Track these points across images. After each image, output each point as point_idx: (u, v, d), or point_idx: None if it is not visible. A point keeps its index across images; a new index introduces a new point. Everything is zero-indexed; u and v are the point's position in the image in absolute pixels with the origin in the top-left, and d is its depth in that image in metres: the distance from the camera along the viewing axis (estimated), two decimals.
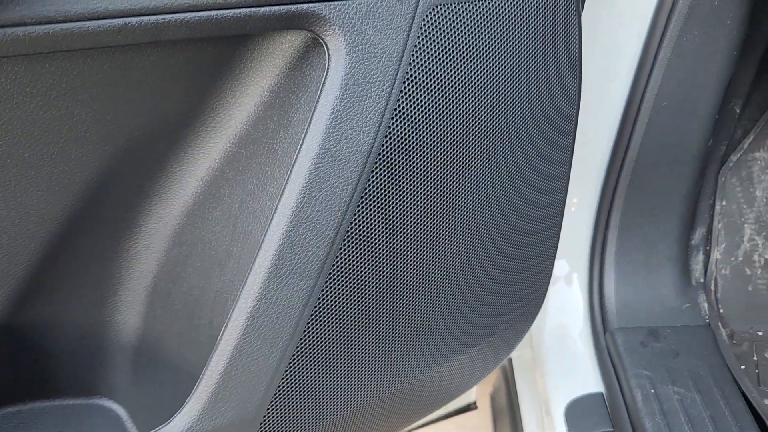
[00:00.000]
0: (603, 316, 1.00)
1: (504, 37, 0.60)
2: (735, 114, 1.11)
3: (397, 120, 0.54)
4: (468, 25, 0.57)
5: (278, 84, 0.54)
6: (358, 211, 0.54)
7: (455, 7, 0.55)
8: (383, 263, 0.57)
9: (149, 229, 0.60)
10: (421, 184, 0.57)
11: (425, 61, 0.55)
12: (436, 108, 0.56)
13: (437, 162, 0.58)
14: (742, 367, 1.00)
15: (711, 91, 0.96)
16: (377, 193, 0.55)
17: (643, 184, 1.00)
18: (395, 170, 0.55)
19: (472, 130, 0.60)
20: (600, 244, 1.01)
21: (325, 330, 0.56)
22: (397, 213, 0.57)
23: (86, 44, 0.43)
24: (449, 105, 0.57)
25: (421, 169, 0.57)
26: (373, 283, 0.57)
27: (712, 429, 0.83)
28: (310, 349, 0.56)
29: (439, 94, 0.56)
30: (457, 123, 0.58)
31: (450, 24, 0.55)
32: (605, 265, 1.02)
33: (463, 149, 0.59)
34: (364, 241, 0.55)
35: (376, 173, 0.54)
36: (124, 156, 0.55)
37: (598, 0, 0.90)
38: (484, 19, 0.58)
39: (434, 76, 0.55)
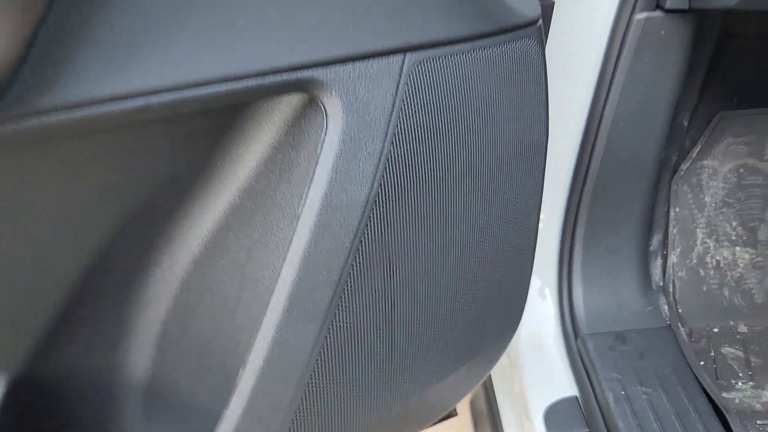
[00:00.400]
0: (573, 323, 1.07)
1: (480, 85, 0.65)
2: (683, 126, 1.20)
3: (389, 169, 0.59)
4: (448, 77, 0.62)
5: (279, 140, 0.59)
6: (359, 255, 0.59)
7: (435, 62, 0.61)
8: (382, 300, 0.62)
9: (158, 278, 0.64)
10: (412, 224, 0.62)
11: (412, 113, 0.60)
12: (422, 154, 0.61)
13: (425, 203, 0.63)
14: (702, 363, 1.09)
15: (662, 110, 1.04)
16: (374, 236, 0.59)
17: (604, 198, 1.08)
18: (389, 215, 0.60)
19: (456, 172, 0.65)
20: (567, 257, 1.08)
21: (332, 365, 0.61)
22: (392, 253, 0.61)
23: (111, 125, 0.47)
24: (434, 150, 0.62)
25: (411, 211, 0.62)
26: (373, 319, 0.62)
27: (678, 425, 0.90)
28: (318, 384, 0.60)
29: (424, 141, 0.61)
30: (441, 166, 0.63)
31: (431, 78, 0.61)
32: (573, 276, 1.09)
33: (448, 189, 0.65)
34: (364, 282, 0.60)
35: (374, 219, 0.59)
36: (134, 215, 0.58)
37: (557, 32, 0.97)
38: (461, 71, 0.63)
39: (420, 126, 0.60)
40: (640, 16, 0.92)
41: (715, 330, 1.16)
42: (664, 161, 1.17)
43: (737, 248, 1.23)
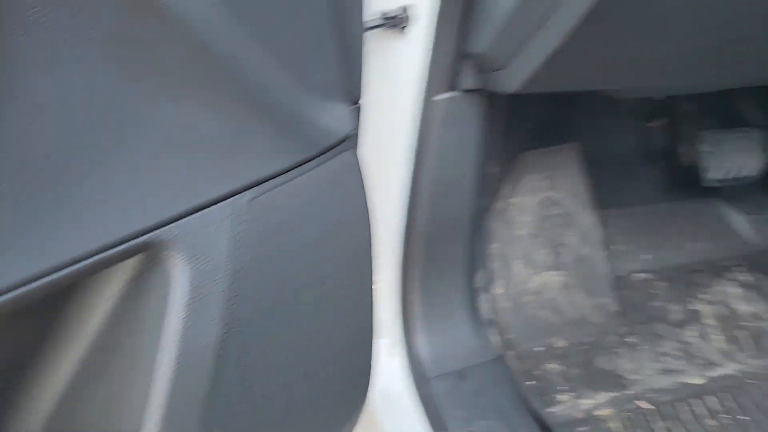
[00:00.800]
0: (421, 370, 1.18)
1: (309, 205, 0.72)
2: (493, 173, 1.35)
3: (239, 304, 0.64)
4: (280, 205, 0.68)
5: (126, 294, 0.61)
6: (217, 388, 0.63)
7: (268, 194, 0.66)
8: (245, 422, 0.67)
9: None
10: (265, 347, 0.68)
11: (252, 247, 0.65)
12: (267, 281, 0.67)
13: (275, 324, 0.68)
14: (533, 382, 1.24)
15: (472, 169, 1.17)
16: (233, 368, 0.64)
17: (433, 251, 1.19)
18: (244, 344, 0.65)
19: (298, 287, 0.71)
20: (409, 311, 1.18)
21: None
22: (250, 377, 0.66)
23: None
24: (277, 274, 0.68)
25: (264, 335, 0.67)
26: None
27: None
28: None
29: (267, 270, 0.67)
30: (285, 287, 0.69)
31: (266, 210, 0.66)
32: (416, 327, 1.19)
33: (293, 306, 0.71)
34: (226, 413, 0.64)
35: (226, 352, 0.63)
36: None
37: (372, 118, 1.06)
38: (291, 197, 0.69)
39: (261, 257, 0.66)
40: (441, 97, 1.03)
41: (539, 349, 1.32)
42: (480, 207, 1.31)
43: (548, 272, 1.41)
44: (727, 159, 1.61)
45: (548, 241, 1.43)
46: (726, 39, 0.89)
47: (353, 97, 0.84)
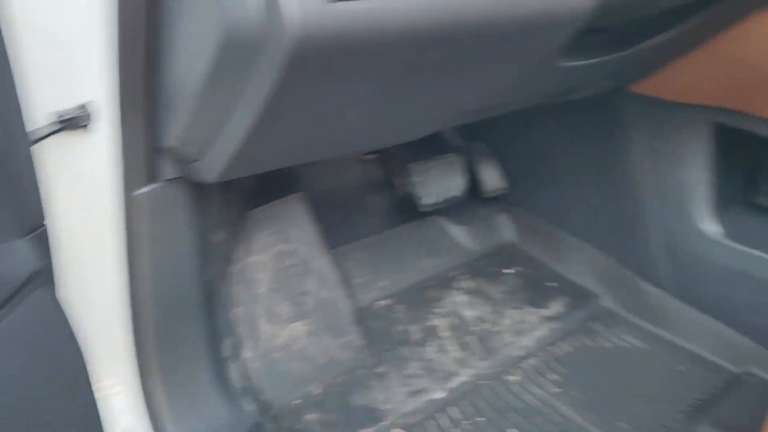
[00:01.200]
0: None
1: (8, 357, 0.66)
2: (220, 240, 1.35)
3: None
4: None
5: None
6: None
7: None
8: None
9: None
10: None
11: None
12: None
13: None
14: None
15: (192, 245, 1.13)
16: None
17: (168, 339, 1.15)
18: None
19: None
20: (154, 406, 1.13)
21: None
22: None
23: None
24: None
25: None
26: None
27: None
28: None
29: None
30: None
31: None
32: (164, 420, 1.14)
33: None
34: None
35: None
36: None
37: (71, 228, 0.99)
38: None
39: None
40: (142, 191, 1.00)
41: (297, 402, 1.36)
42: (211, 278, 1.29)
43: (294, 323, 1.45)
44: (435, 185, 1.79)
45: (288, 293, 1.46)
46: (397, 116, 0.99)
47: (32, 224, 0.78)
